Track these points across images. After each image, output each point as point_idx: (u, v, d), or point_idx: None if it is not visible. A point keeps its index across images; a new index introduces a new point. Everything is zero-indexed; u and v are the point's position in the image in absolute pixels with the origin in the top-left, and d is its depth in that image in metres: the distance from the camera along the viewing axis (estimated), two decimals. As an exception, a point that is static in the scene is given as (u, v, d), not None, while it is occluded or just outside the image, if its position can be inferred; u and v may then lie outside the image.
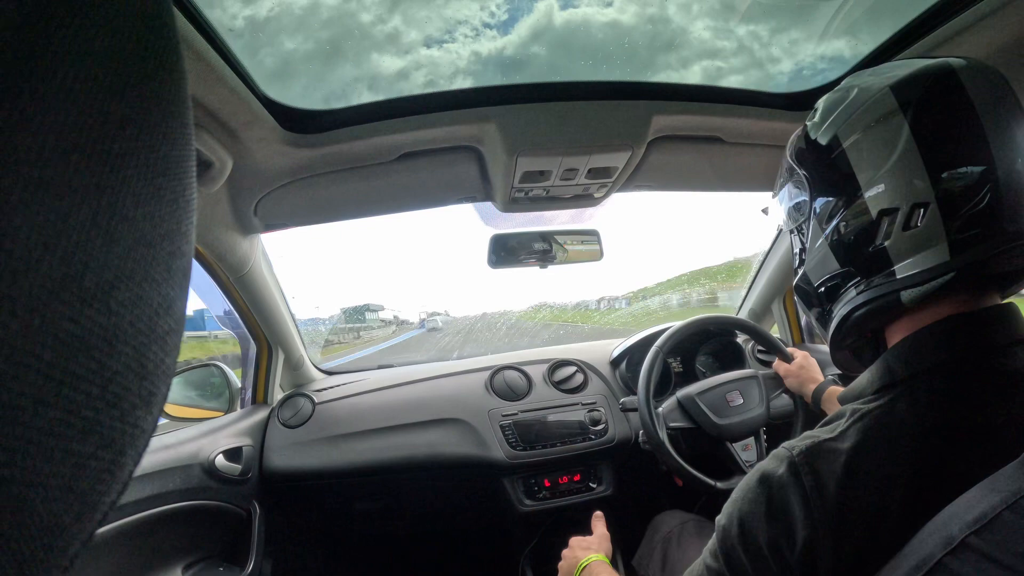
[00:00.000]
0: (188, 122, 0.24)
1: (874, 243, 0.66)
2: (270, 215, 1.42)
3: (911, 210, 0.63)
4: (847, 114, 0.69)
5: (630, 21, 1.17)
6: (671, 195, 1.67)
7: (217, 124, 1.02)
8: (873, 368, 0.71)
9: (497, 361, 1.98)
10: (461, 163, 1.34)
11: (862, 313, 0.70)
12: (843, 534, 0.62)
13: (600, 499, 1.79)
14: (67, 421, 0.18)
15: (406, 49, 1.15)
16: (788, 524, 0.65)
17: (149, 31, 0.21)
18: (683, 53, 1.24)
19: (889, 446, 0.63)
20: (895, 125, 0.64)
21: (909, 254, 0.64)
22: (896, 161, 0.63)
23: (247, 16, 0.96)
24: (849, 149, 0.68)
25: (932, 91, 0.63)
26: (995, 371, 0.64)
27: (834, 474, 0.63)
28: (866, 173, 0.66)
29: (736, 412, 1.46)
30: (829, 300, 0.76)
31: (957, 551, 0.48)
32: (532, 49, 1.22)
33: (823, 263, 0.74)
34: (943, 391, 0.64)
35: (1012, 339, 0.65)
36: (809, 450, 0.66)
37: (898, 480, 0.61)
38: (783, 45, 1.27)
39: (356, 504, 1.88)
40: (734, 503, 0.73)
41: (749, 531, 0.69)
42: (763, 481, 0.69)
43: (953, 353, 0.65)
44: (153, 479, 1.26)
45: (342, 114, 1.17)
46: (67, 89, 0.17)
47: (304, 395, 1.85)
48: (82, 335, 0.18)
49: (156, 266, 0.22)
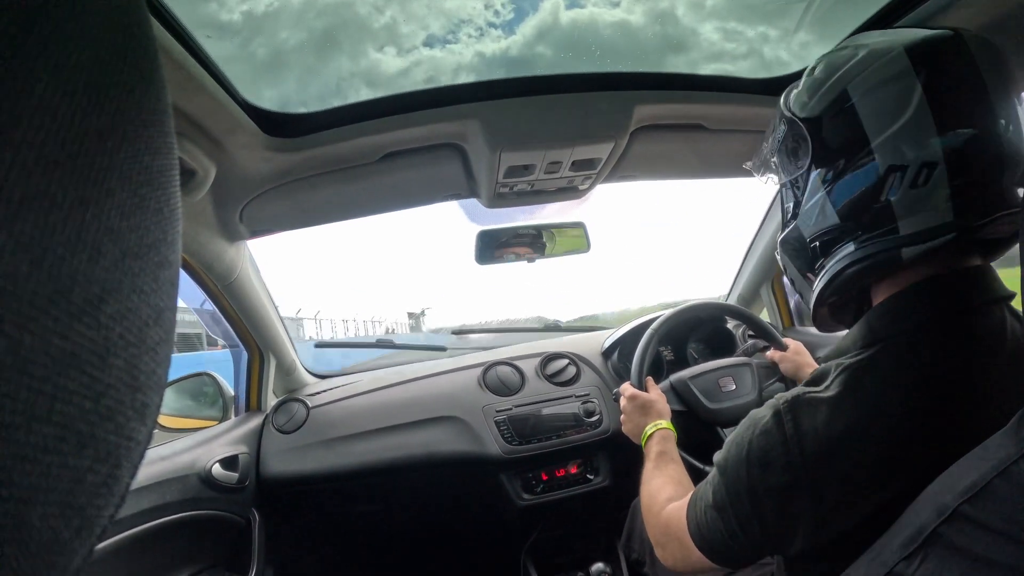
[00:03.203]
0: (170, 131, 0.24)
1: (879, 199, 0.67)
2: (256, 221, 1.41)
3: (920, 168, 0.64)
4: (858, 70, 0.69)
5: (638, 21, 1.17)
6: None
7: (199, 132, 1.01)
8: (856, 327, 0.74)
9: (489, 357, 1.98)
10: (445, 161, 1.34)
11: (858, 268, 0.71)
12: (820, 485, 0.64)
13: (598, 490, 1.80)
14: (61, 436, 0.18)
15: (407, 48, 1.15)
16: (766, 468, 0.68)
17: (126, 41, 0.21)
18: (692, 55, 1.25)
19: (867, 397, 0.65)
20: (908, 84, 0.65)
21: (914, 212, 0.65)
22: (908, 120, 0.64)
23: (244, 11, 0.95)
24: (859, 104, 0.68)
25: (945, 55, 0.65)
26: (972, 331, 0.66)
27: (814, 424, 0.66)
28: (875, 130, 0.67)
29: (728, 397, 1.46)
30: (822, 254, 0.77)
31: (951, 520, 0.49)
32: (537, 49, 1.21)
33: (820, 217, 0.75)
34: (923, 348, 0.66)
35: (989, 298, 0.68)
36: (794, 399, 0.69)
37: (876, 434, 0.63)
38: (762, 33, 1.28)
39: (354, 506, 1.88)
40: (728, 444, 0.76)
41: (734, 472, 0.72)
42: (750, 426, 0.73)
43: (933, 312, 0.67)
44: (150, 491, 1.25)
45: (323, 117, 1.17)
46: (45, 104, 0.17)
47: (298, 400, 1.84)
48: (73, 350, 0.18)
49: (144, 277, 0.22)
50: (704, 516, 0.77)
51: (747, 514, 0.70)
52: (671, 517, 0.88)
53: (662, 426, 1.20)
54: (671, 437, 1.17)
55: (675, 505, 0.89)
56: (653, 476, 1.06)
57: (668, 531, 0.88)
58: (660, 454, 1.12)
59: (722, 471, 0.75)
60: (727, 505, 0.72)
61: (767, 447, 0.68)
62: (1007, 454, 0.48)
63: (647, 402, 1.28)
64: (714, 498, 0.75)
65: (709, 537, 0.76)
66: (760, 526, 0.69)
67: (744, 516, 0.70)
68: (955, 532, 0.49)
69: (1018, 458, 0.47)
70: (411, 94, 1.18)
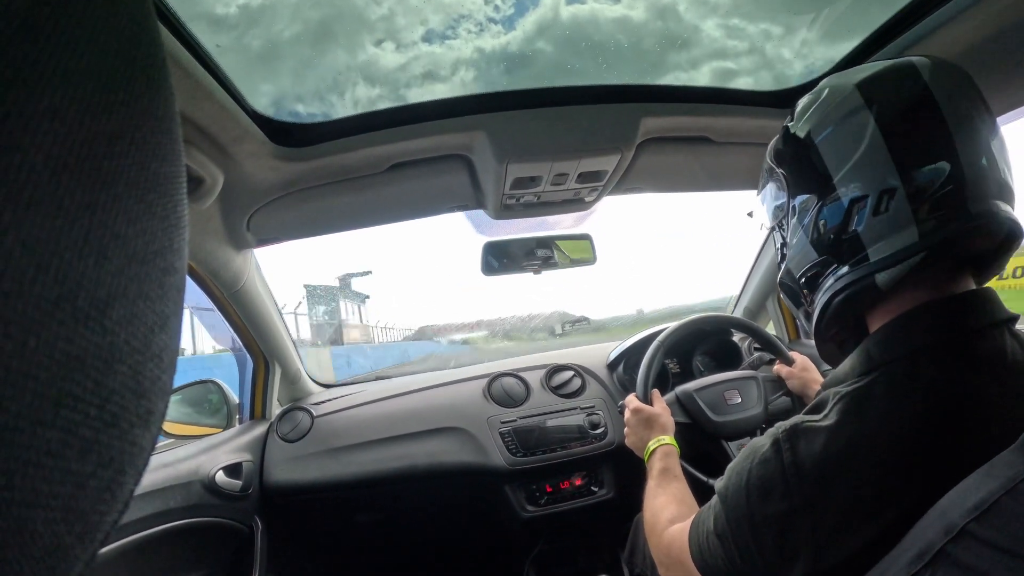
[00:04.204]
0: (177, 138, 0.24)
1: (847, 230, 0.70)
2: (263, 230, 1.41)
3: (879, 196, 0.66)
4: (820, 112, 0.73)
5: (639, 16, 1.18)
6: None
7: (207, 140, 1.01)
8: (853, 355, 0.74)
9: (494, 368, 1.98)
10: (451, 172, 1.34)
11: (840, 299, 0.73)
12: (819, 513, 0.64)
13: (602, 502, 1.79)
14: (65, 441, 0.18)
15: (406, 44, 1.15)
16: (766, 496, 0.68)
17: (135, 48, 0.21)
18: (693, 52, 1.25)
19: (865, 424, 0.65)
20: (861, 119, 0.68)
21: (881, 237, 0.67)
22: (863, 152, 0.67)
23: (240, 3, 0.95)
24: (821, 144, 0.72)
25: (895, 86, 0.68)
26: (971, 354, 0.66)
27: (811, 451, 0.66)
28: (836, 166, 0.70)
29: (734, 411, 1.45)
30: (810, 290, 0.79)
31: (958, 538, 0.49)
32: (537, 45, 1.22)
33: (803, 255, 0.78)
34: (920, 374, 0.66)
35: (988, 321, 0.68)
36: (792, 428, 0.70)
37: (875, 461, 0.63)
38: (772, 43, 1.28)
39: (358, 516, 1.87)
40: (728, 472, 0.77)
41: (734, 500, 0.73)
42: (750, 455, 0.73)
43: (929, 338, 0.67)
44: (154, 497, 1.25)
45: (331, 127, 1.17)
46: (55, 109, 0.17)
47: (302, 409, 1.84)
48: (78, 354, 0.18)
49: (150, 283, 0.22)
50: (706, 542, 0.77)
51: (747, 542, 0.70)
52: (673, 540, 0.88)
53: (665, 441, 1.20)
54: (674, 453, 1.17)
55: (678, 527, 0.89)
56: (656, 494, 1.06)
57: (671, 553, 0.89)
58: (663, 471, 1.12)
59: (723, 499, 0.75)
60: (727, 533, 0.72)
61: (766, 475, 0.69)
62: (1015, 472, 0.47)
63: (651, 416, 1.27)
64: (715, 525, 0.75)
65: (712, 563, 0.76)
66: (760, 554, 0.69)
67: (744, 544, 0.70)
68: (962, 550, 0.48)
69: None
70: (418, 105, 1.19)
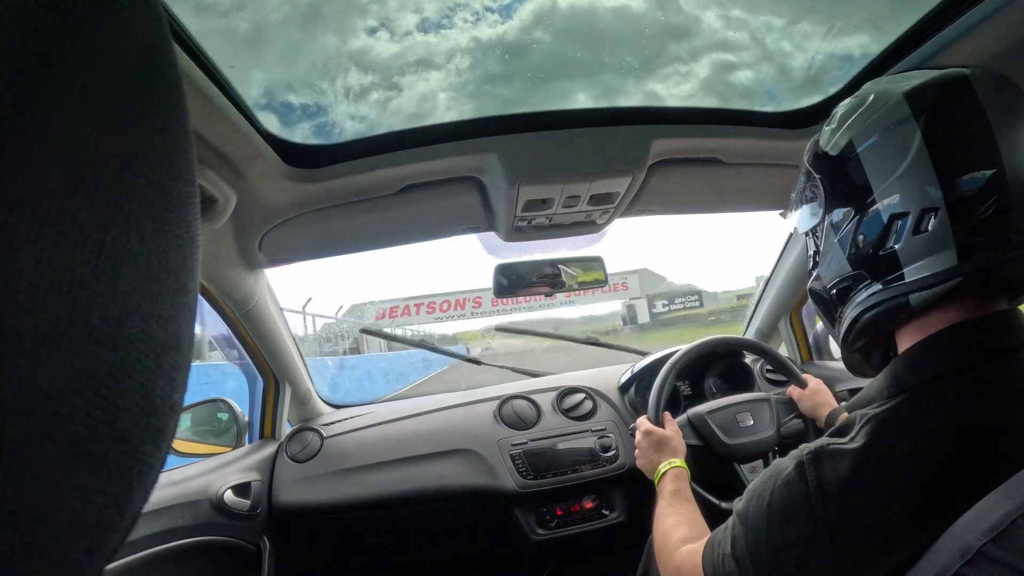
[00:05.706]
0: (192, 158, 0.24)
1: (884, 246, 0.67)
2: (275, 250, 1.43)
3: (921, 215, 0.63)
4: (863, 120, 0.70)
5: (639, 6, 1.18)
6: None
7: (220, 160, 1.03)
8: (881, 376, 0.72)
9: (505, 391, 1.97)
10: (463, 194, 1.35)
11: (871, 315, 0.71)
12: (842, 539, 0.62)
13: (613, 526, 1.76)
14: (74, 456, 0.18)
15: (401, 34, 1.16)
16: (788, 520, 0.66)
17: (151, 68, 0.22)
18: (694, 42, 1.26)
19: (892, 449, 0.63)
20: (908, 131, 0.64)
21: (918, 258, 0.65)
22: (908, 167, 0.64)
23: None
24: (863, 154, 0.69)
25: (945, 98, 0.65)
26: (1001, 375, 0.64)
27: (837, 476, 0.64)
28: (878, 178, 0.67)
29: (746, 433, 1.44)
30: (840, 302, 0.77)
31: (974, 560, 0.48)
32: (535, 34, 1.22)
33: (835, 266, 0.75)
34: (949, 397, 0.64)
35: (1019, 343, 0.65)
36: (817, 450, 0.68)
37: (902, 486, 0.61)
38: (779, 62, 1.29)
39: (366, 537, 1.86)
40: (748, 493, 0.75)
41: (754, 523, 0.71)
42: (772, 477, 0.71)
43: (960, 359, 0.65)
44: (162, 515, 1.25)
45: (343, 148, 1.19)
46: (71, 127, 0.18)
47: (312, 429, 1.84)
48: (89, 371, 0.18)
49: (162, 302, 0.22)
50: (722, 564, 0.75)
51: (766, 566, 0.68)
52: (684, 561, 0.87)
53: (676, 464, 1.19)
54: (684, 476, 1.16)
55: (689, 548, 0.87)
56: (667, 514, 1.05)
57: (681, 574, 0.87)
58: (674, 492, 1.11)
59: (743, 520, 0.73)
60: (746, 555, 0.70)
61: (789, 499, 0.67)
62: None
63: (662, 438, 1.27)
64: (733, 548, 0.73)
65: None
66: None
67: (763, 568, 0.68)
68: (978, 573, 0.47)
69: None
70: (430, 128, 1.20)
